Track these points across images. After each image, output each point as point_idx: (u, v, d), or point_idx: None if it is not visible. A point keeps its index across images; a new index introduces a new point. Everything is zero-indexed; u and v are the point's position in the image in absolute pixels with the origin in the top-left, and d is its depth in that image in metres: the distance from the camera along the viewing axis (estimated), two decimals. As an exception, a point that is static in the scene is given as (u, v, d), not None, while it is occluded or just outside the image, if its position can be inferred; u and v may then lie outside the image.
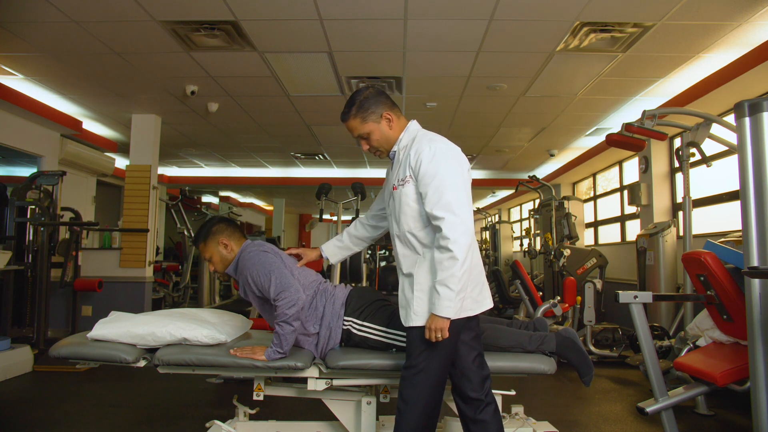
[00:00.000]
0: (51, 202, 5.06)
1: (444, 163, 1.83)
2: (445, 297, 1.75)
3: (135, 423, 3.05)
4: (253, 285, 2.12)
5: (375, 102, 1.96)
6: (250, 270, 2.12)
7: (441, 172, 1.81)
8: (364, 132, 1.97)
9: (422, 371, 1.85)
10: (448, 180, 1.81)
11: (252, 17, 3.67)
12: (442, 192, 1.79)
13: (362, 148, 2.02)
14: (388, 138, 1.98)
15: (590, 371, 2.16)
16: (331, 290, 2.25)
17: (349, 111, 1.97)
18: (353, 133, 2.00)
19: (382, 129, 1.96)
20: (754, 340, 1.79)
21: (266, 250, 2.18)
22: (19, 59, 4.49)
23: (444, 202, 1.78)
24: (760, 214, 1.75)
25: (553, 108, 5.71)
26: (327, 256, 2.31)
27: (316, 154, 8.27)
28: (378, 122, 1.96)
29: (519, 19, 3.65)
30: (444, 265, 1.75)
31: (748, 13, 3.52)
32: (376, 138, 1.97)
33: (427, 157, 1.84)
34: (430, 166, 1.82)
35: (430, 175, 1.81)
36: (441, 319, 1.76)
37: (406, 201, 1.89)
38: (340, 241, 2.34)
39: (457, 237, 1.75)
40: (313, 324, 2.18)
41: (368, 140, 1.98)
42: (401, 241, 1.94)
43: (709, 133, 3.77)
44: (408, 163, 1.89)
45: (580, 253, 6.32)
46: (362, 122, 1.95)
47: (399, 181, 1.92)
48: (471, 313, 1.88)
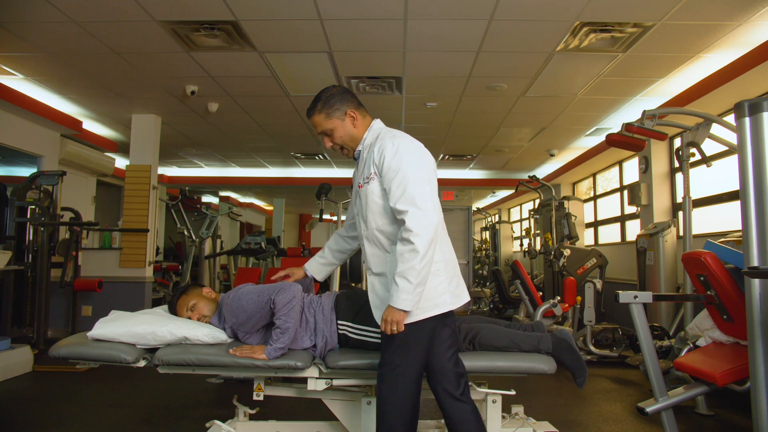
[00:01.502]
0: (51, 202, 5.07)
1: (407, 158, 1.83)
2: (403, 289, 1.74)
3: (135, 423, 3.05)
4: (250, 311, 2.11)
5: (340, 99, 1.97)
6: (240, 302, 2.12)
7: (404, 167, 1.81)
8: (327, 128, 1.97)
9: (398, 367, 1.85)
10: (411, 174, 1.81)
11: (252, 17, 3.67)
12: (405, 186, 1.79)
13: (325, 145, 2.02)
14: (351, 136, 1.98)
15: (584, 373, 2.16)
16: (317, 300, 2.27)
17: (315, 107, 1.97)
18: (317, 128, 2.00)
19: (345, 126, 1.97)
20: (754, 340, 1.79)
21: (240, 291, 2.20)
22: (19, 59, 4.49)
23: (407, 195, 1.78)
24: (760, 214, 1.75)
25: (553, 108, 5.71)
26: (312, 275, 2.31)
27: (316, 154, 8.27)
28: (342, 119, 1.96)
29: (519, 19, 3.65)
30: (405, 257, 1.75)
31: (748, 13, 3.52)
32: (339, 135, 1.97)
33: (390, 152, 1.84)
34: (393, 161, 1.83)
35: (393, 170, 1.82)
36: (398, 311, 1.75)
37: (372, 198, 1.89)
38: (322, 257, 2.34)
39: (420, 230, 1.74)
40: (309, 338, 2.18)
41: (331, 137, 1.98)
42: (369, 241, 1.94)
43: (709, 133, 3.77)
44: (372, 160, 1.89)
45: (580, 253, 6.32)
46: (326, 118, 1.96)
47: (364, 179, 1.92)
48: (451, 307, 1.89)
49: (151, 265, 6.05)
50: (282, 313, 2.03)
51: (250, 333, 2.18)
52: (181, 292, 2.35)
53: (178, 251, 9.40)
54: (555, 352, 2.17)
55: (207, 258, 7.51)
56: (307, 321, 2.19)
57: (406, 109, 5.79)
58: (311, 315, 2.21)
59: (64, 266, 5.33)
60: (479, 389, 2.21)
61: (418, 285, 1.75)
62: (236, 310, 2.13)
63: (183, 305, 2.31)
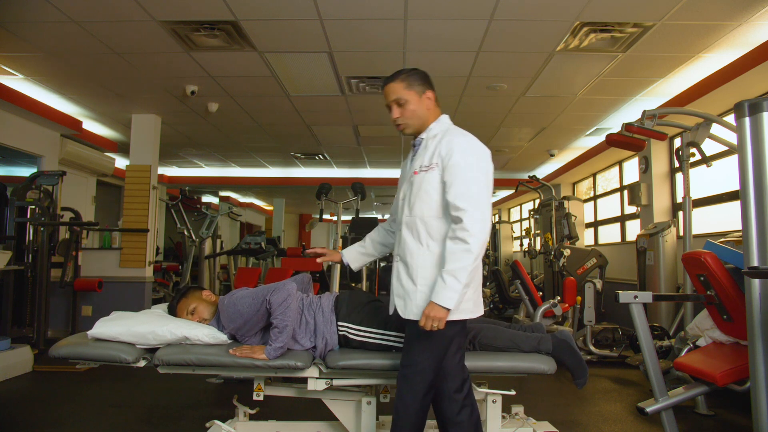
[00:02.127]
0: (51, 202, 5.06)
1: (475, 159, 1.84)
2: (451, 287, 1.72)
3: (135, 423, 3.05)
4: (246, 315, 2.11)
5: (423, 79, 1.96)
6: (236, 307, 2.12)
7: (472, 166, 1.81)
8: (402, 97, 1.92)
9: (423, 370, 1.84)
10: (477, 176, 1.81)
11: (252, 17, 3.67)
12: (469, 185, 1.78)
13: (392, 114, 1.96)
14: (421, 116, 1.95)
15: (584, 373, 2.17)
16: (316, 301, 2.27)
17: (398, 75, 1.94)
18: (391, 96, 1.94)
19: (421, 103, 1.94)
20: (754, 340, 1.79)
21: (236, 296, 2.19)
22: (19, 59, 4.49)
23: (470, 194, 1.77)
24: (760, 214, 1.75)
25: (553, 108, 5.71)
26: (348, 262, 2.26)
27: (316, 154, 8.27)
28: (419, 95, 1.94)
29: (519, 19, 3.65)
30: (457, 255, 1.74)
31: (748, 13, 3.52)
32: (412, 108, 1.93)
33: (460, 148, 1.83)
34: (462, 157, 1.81)
35: (461, 167, 1.80)
36: (442, 308, 1.73)
37: (426, 188, 1.86)
38: (362, 247, 2.29)
39: (477, 232, 1.74)
40: (309, 339, 2.18)
41: (403, 107, 1.93)
42: (408, 228, 1.90)
43: (709, 133, 3.77)
44: (438, 151, 1.86)
45: (580, 253, 6.32)
46: (406, 87, 1.92)
47: (423, 166, 1.89)
48: (471, 315, 1.89)
49: (151, 265, 6.05)
50: (278, 312, 2.03)
51: (248, 335, 2.18)
52: (182, 295, 2.35)
53: (178, 251, 9.40)
54: (555, 353, 2.17)
55: (207, 258, 7.51)
56: (306, 322, 2.19)
57: (406, 109, 5.78)
58: (311, 316, 2.21)
59: (64, 266, 5.33)
60: (479, 389, 2.21)
61: (465, 286, 1.75)
62: (233, 315, 2.13)
63: (183, 308, 2.31)
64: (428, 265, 1.84)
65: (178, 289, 2.38)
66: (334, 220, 5.90)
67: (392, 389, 2.29)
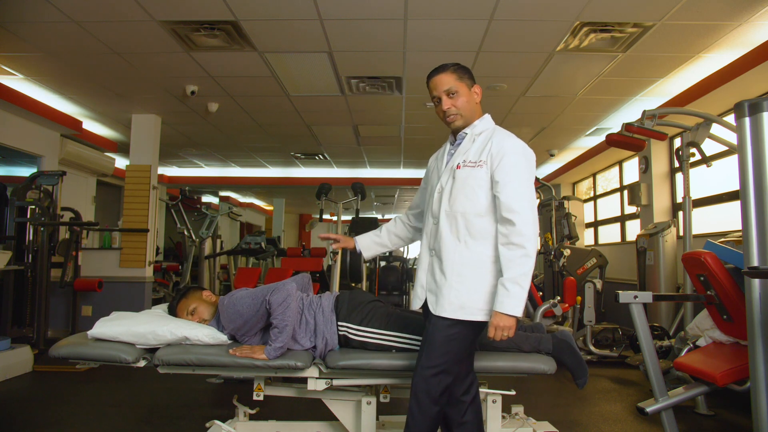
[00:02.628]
0: (51, 202, 5.06)
1: (526, 163, 1.83)
2: (516, 296, 1.70)
3: (135, 423, 3.05)
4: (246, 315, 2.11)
5: (471, 74, 1.94)
6: (236, 307, 2.12)
7: (524, 170, 1.81)
8: (454, 88, 1.89)
9: (444, 372, 1.80)
10: (528, 180, 1.81)
11: (252, 17, 3.67)
12: (523, 188, 1.78)
13: (441, 106, 1.91)
14: (471, 109, 1.92)
15: (584, 374, 2.16)
16: (316, 301, 2.27)
17: (447, 66, 1.91)
18: (440, 87, 1.90)
19: (470, 96, 1.92)
20: (754, 340, 1.79)
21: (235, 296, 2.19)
22: (19, 59, 4.49)
23: (523, 197, 1.77)
24: (760, 214, 1.75)
25: (553, 108, 5.71)
26: (360, 249, 2.20)
27: (316, 154, 8.27)
28: (469, 88, 1.92)
29: (519, 19, 3.65)
30: (517, 262, 1.72)
31: (748, 13, 3.52)
32: (463, 100, 1.90)
33: (513, 149, 1.82)
34: (515, 158, 1.80)
35: (515, 168, 1.79)
36: (508, 317, 1.71)
37: (472, 184, 1.83)
38: (377, 236, 2.23)
39: (531, 234, 1.73)
40: (309, 339, 2.18)
41: (454, 99, 1.89)
42: (447, 222, 1.86)
43: (709, 133, 3.77)
44: (488, 149, 1.84)
45: (580, 253, 6.32)
46: (457, 79, 1.90)
47: (469, 161, 1.86)
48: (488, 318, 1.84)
49: (151, 265, 6.05)
50: (278, 312, 2.03)
51: (248, 336, 2.18)
52: (182, 296, 2.35)
53: (178, 251, 9.40)
54: (556, 353, 2.17)
55: (207, 258, 7.51)
56: (307, 322, 2.19)
57: (406, 109, 5.79)
58: (311, 316, 2.20)
59: (64, 266, 5.33)
60: (479, 389, 2.21)
61: (526, 291, 1.73)
62: (232, 316, 2.13)
63: (183, 308, 2.32)
64: (465, 262, 1.81)
65: (178, 290, 2.38)
66: (334, 220, 5.90)
67: (392, 389, 2.29)
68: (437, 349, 1.82)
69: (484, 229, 1.82)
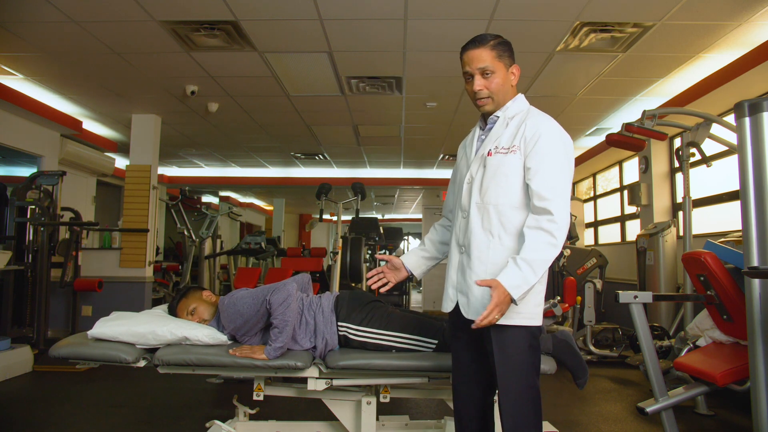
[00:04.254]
0: (51, 202, 5.06)
1: (563, 149, 1.66)
2: (524, 277, 1.52)
3: (135, 423, 3.05)
4: (246, 315, 2.11)
5: (511, 50, 1.74)
6: (236, 307, 2.12)
7: (560, 155, 1.64)
8: (490, 67, 1.69)
9: (536, 386, 1.64)
10: (565, 166, 1.64)
11: (252, 17, 3.67)
12: (558, 175, 1.61)
13: (472, 85, 1.73)
14: (506, 91, 1.73)
15: (585, 374, 2.14)
16: (316, 301, 2.26)
17: (484, 40, 1.71)
18: (475, 63, 1.71)
19: (507, 78, 1.72)
20: (754, 340, 1.79)
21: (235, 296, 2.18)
22: (19, 59, 4.49)
23: (557, 185, 1.60)
24: (760, 214, 1.75)
25: (553, 108, 5.70)
26: (411, 270, 1.96)
27: (316, 154, 8.27)
28: (507, 68, 1.72)
29: (519, 19, 3.65)
30: (540, 246, 1.54)
31: (748, 13, 3.52)
32: (499, 80, 1.70)
33: (548, 133, 1.65)
34: (550, 143, 1.63)
35: (549, 154, 1.62)
36: (509, 297, 1.52)
37: (505, 171, 1.65)
38: (424, 251, 1.99)
39: (564, 225, 1.57)
40: (309, 339, 2.18)
41: (489, 79, 1.70)
42: (479, 215, 1.68)
43: (709, 133, 3.77)
44: (522, 133, 1.66)
45: (580, 253, 6.32)
46: (496, 57, 1.69)
47: (501, 148, 1.68)
48: (540, 323, 1.68)
49: (151, 265, 6.05)
50: (278, 312, 2.03)
51: (248, 336, 2.18)
52: (182, 296, 2.36)
53: (178, 251, 9.39)
54: (556, 353, 2.17)
55: (207, 258, 7.51)
56: (306, 322, 2.19)
57: (406, 109, 5.79)
58: (311, 316, 2.20)
59: (64, 266, 5.33)
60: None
61: (536, 282, 1.56)
62: (233, 316, 2.13)
63: (183, 309, 2.32)
64: (499, 260, 1.63)
65: (178, 290, 2.38)
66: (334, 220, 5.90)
67: (392, 389, 2.29)
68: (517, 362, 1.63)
69: (520, 223, 1.63)
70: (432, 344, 2.18)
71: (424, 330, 2.19)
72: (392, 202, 14.08)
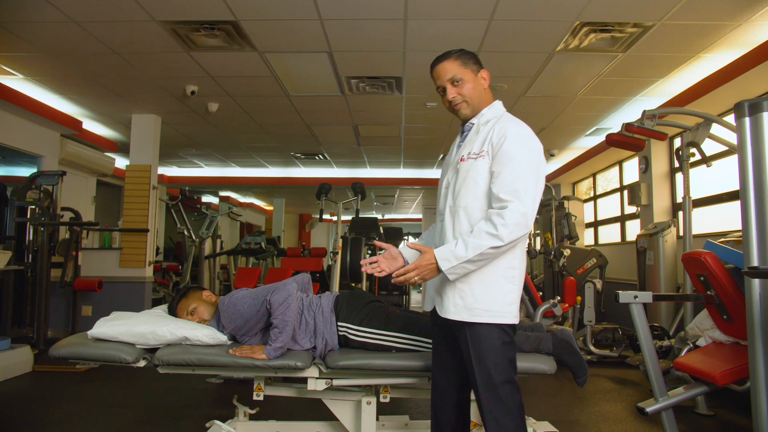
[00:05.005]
0: (51, 202, 5.06)
1: (527, 150, 1.69)
2: (455, 252, 1.59)
3: (135, 423, 3.05)
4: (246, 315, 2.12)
5: (476, 58, 1.82)
6: (236, 307, 2.12)
7: (521, 157, 1.66)
8: (458, 76, 1.77)
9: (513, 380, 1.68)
10: (528, 169, 1.66)
11: (252, 17, 3.67)
12: (516, 177, 1.63)
13: (446, 96, 1.80)
14: (478, 96, 1.80)
15: (585, 373, 2.14)
16: (316, 301, 2.26)
17: (449, 54, 1.80)
18: (444, 76, 1.79)
19: (477, 83, 1.80)
20: (754, 340, 1.79)
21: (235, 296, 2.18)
22: (19, 59, 4.49)
23: (516, 188, 1.62)
24: (760, 214, 1.75)
25: (553, 108, 5.71)
26: (408, 260, 1.91)
27: (316, 154, 8.27)
28: (475, 74, 1.80)
29: (519, 19, 3.65)
30: (480, 234, 1.59)
31: (748, 13, 3.52)
32: (469, 87, 1.78)
33: (512, 137, 1.69)
34: (512, 146, 1.67)
35: (509, 156, 1.66)
36: (433, 268, 1.61)
37: (474, 176, 1.72)
38: (423, 241, 2.07)
39: (512, 223, 1.58)
40: (308, 339, 2.18)
41: (459, 87, 1.78)
42: (451, 218, 1.76)
43: (709, 133, 3.77)
44: (489, 138, 1.72)
45: (580, 253, 6.32)
46: (462, 65, 1.78)
47: (472, 153, 1.75)
48: (515, 321, 1.70)
49: (151, 265, 6.05)
50: (278, 312, 2.03)
51: (249, 336, 2.18)
52: (182, 296, 2.36)
53: (178, 251, 9.40)
54: (556, 352, 2.17)
55: (207, 258, 7.51)
56: (306, 323, 2.19)
57: (406, 109, 5.79)
58: (311, 317, 2.20)
59: (64, 266, 5.33)
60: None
61: (469, 263, 1.60)
62: (233, 315, 2.13)
63: (183, 308, 2.32)
64: None
65: (178, 290, 2.38)
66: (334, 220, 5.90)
67: (392, 389, 2.29)
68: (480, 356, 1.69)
69: None
70: (432, 344, 2.18)
71: (423, 330, 2.19)
72: (392, 202, 14.08)
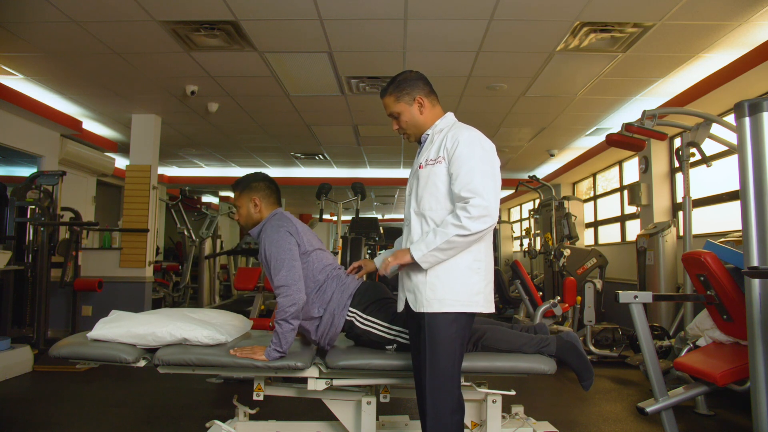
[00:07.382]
0: (51, 202, 5.06)
1: (480, 151, 1.83)
2: (426, 241, 1.77)
3: (135, 423, 3.05)
4: (265, 259, 2.16)
5: (412, 85, 1.98)
6: (267, 246, 2.15)
7: (476, 157, 1.81)
8: (395, 111, 2.00)
9: (452, 376, 1.81)
10: (482, 166, 1.80)
11: (252, 17, 3.67)
12: (473, 175, 1.77)
13: (393, 126, 2.05)
14: (416, 122, 1.99)
15: (591, 376, 2.12)
16: (344, 278, 2.25)
17: (387, 89, 2.01)
18: (387, 110, 2.03)
19: (412, 112, 1.98)
20: (754, 340, 1.79)
21: (289, 231, 2.18)
22: (19, 59, 4.49)
23: (474, 185, 1.76)
24: (760, 214, 1.75)
25: (553, 108, 5.71)
26: (377, 264, 2.25)
27: (316, 154, 8.27)
28: (410, 104, 1.98)
29: (519, 19, 3.65)
30: (447, 225, 1.75)
31: (748, 13, 3.52)
32: (405, 119, 1.99)
33: (465, 140, 1.84)
34: (466, 149, 1.82)
35: (465, 157, 1.80)
36: (408, 255, 1.80)
37: (434, 181, 1.86)
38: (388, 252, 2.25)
39: (476, 216, 1.73)
40: (318, 307, 2.18)
41: (399, 119, 2.01)
42: (417, 221, 1.91)
43: (709, 133, 3.77)
44: (443, 144, 1.88)
45: (580, 253, 6.33)
46: (395, 101, 1.99)
47: (429, 160, 1.90)
48: (482, 309, 1.85)
49: (151, 265, 6.05)
50: (280, 318, 2.02)
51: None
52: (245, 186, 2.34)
53: (178, 251, 9.40)
54: (560, 354, 2.14)
55: (207, 258, 7.51)
56: (324, 291, 2.19)
57: (406, 109, 5.78)
58: (330, 289, 2.20)
59: (64, 266, 5.33)
60: (479, 389, 2.21)
61: (439, 252, 1.76)
62: (263, 245, 2.17)
63: (236, 199, 2.36)
64: None
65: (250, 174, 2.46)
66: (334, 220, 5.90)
67: (392, 389, 2.29)
68: (429, 350, 1.82)
69: None
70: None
71: None
72: (392, 202, 14.08)
